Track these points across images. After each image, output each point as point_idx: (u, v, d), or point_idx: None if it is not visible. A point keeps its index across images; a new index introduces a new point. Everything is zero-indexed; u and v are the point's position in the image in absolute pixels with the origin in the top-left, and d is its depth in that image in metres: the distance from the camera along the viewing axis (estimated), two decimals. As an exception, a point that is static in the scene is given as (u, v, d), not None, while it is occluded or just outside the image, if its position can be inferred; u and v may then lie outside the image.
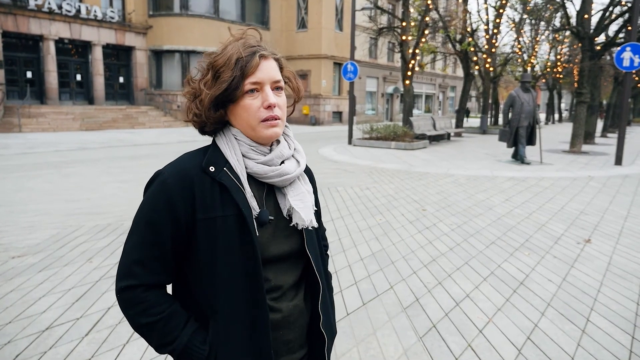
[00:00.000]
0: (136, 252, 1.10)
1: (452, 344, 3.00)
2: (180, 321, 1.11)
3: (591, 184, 9.20)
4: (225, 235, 1.09)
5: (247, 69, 1.09)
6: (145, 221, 1.10)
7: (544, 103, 48.91)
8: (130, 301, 1.10)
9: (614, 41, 16.08)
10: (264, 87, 1.12)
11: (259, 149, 1.16)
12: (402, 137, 16.13)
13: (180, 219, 1.09)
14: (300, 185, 1.22)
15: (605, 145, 18.55)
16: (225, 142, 1.15)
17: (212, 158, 1.13)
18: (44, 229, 5.48)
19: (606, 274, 4.32)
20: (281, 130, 1.16)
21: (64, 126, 21.00)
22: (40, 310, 3.36)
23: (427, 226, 5.92)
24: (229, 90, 1.09)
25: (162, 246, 1.09)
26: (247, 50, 1.11)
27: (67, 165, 10.82)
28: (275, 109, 1.13)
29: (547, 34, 31.97)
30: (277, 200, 1.19)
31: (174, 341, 1.10)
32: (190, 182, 1.09)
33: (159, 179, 1.12)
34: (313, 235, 1.25)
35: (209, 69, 1.13)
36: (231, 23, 28.28)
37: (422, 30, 18.65)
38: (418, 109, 46.38)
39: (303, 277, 1.26)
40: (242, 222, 1.09)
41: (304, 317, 1.24)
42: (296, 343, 1.22)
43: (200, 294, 1.13)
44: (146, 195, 1.13)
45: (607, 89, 36.56)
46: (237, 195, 1.09)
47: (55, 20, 22.77)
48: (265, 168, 1.14)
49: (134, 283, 1.09)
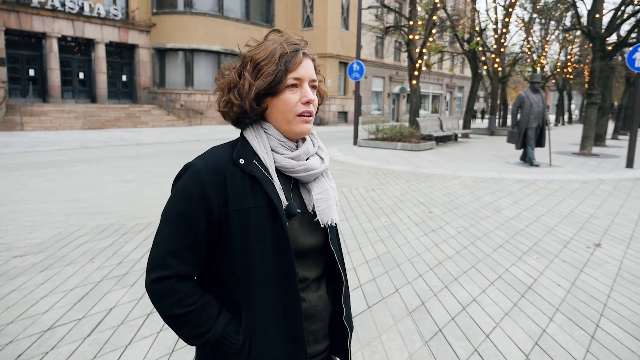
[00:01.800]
0: (169, 244, 1.12)
1: (458, 348, 3.00)
2: (214, 311, 1.14)
3: (601, 187, 9.16)
4: (257, 226, 1.12)
5: (291, 65, 1.15)
6: (179, 212, 1.12)
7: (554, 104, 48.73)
8: (164, 292, 1.11)
9: (626, 41, 15.98)
10: (303, 83, 1.18)
11: (287, 145, 1.20)
12: (408, 138, 16.12)
13: (213, 210, 1.12)
14: (324, 181, 1.27)
15: (616, 147, 18.46)
16: (255, 136, 1.19)
17: (241, 151, 1.17)
18: (46, 229, 5.51)
19: (616, 278, 4.30)
20: (312, 127, 1.22)
21: (67, 125, 21.12)
22: (42, 310, 3.39)
23: (433, 229, 5.91)
24: (273, 83, 1.14)
25: (195, 237, 1.12)
26: (290, 47, 1.16)
27: (69, 164, 10.88)
28: (311, 105, 1.19)
29: (557, 33, 31.87)
30: (301, 195, 1.24)
31: (208, 331, 1.12)
32: (223, 173, 1.13)
33: (191, 170, 1.14)
34: (334, 231, 1.30)
35: (247, 62, 1.17)
36: (235, 21, 28.39)
37: (429, 29, 18.64)
38: (425, 110, 46.33)
39: (324, 273, 1.31)
40: (274, 212, 1.13)
41: (327, 309, 1.29)
42: (320, 334, 1.27)
43: (233, 285, 1.16)
44: (177, 187, 1.16)
45: (618, 90, 36.36)
46: (268, 187, 1.13)
47: (58, 18, 22.91)
48: (293, 162, 1.19)
49: (167, 274, 1.11)
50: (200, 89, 27.49)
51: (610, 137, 23.47)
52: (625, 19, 16.07)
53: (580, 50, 32.92)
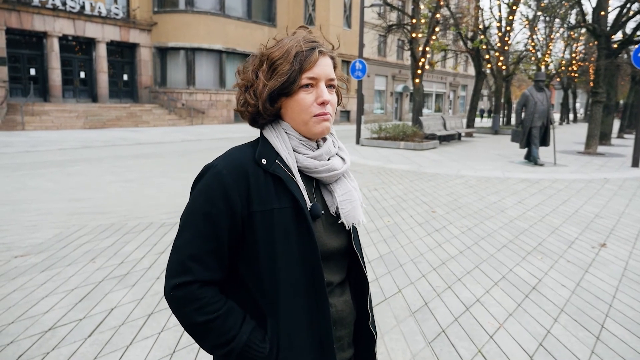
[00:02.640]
0: (191, 247, 1.08)
1: (461, 349, 3.00)
2: (238, 319, 1.10)
3: (607, 187, 9.13)
4: (282, 227, 1.09)
5: (306, 64, 1.11)
6: (201, 214, 1.09)
7: (558, 102, 48.63)
8: (186, 299, 1.07)
9: (632, 39, 15.93)
10: (319, 83, 1.14)
11: (309, 144, 1.18)
12: (411, 137, 16.10)
13: (237, 211, 1.08)
14: (347, 182, 1.24)
15: (621, 146, 18.41)
16: (276, 136, 1.17)
17: (263, 151, 1.14)
18: (47, 229, 5.53)
19: (622, 279, 4.29)
20: (331, 125, 1.19)
21: (67, 124, 21.17)
22: (43, 311, 3.40)
23: (436, 228, 5.91)
24: (287, 83, 1.11)
25: (218, 240, 1.09)
26: (307, 45, 1.13)
27: (71, 163, 10.91)
28: (328, 106, 1.15)
29: (561, 31, 31.80)
30: (323, 197, 1.22)
31: (232, 340, 1.08)
32: (245, 174, 1.10)
33: (212, 171, 1.11)
34: (356, 233, 1.28)
35: (264, 60, 1.15)
36: (237, 20, 28.41)
37: (432, 27, 18.61)
38: (428, 108, 46.28)
39: (347, 277, 1.28)
40: (299, 213, 1.10)
41: (353, 314, 1.26)
42: (346, 341, 1.24)
43: (257, 290, 1.12)
44: (198, 188, 1.12)
45: (624, 88, 36.24)
46: (292, 187, 1.11)
47: (59, 17, 22.98)
48: (315, 162, 1.16)
49: (189, 279, 1.07)
50: (201, 88, 27.52)
51: (615, 136, 23.39)
52: (631, 17, 16.02)
53: (585, 48, 32.83)
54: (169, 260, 1.12)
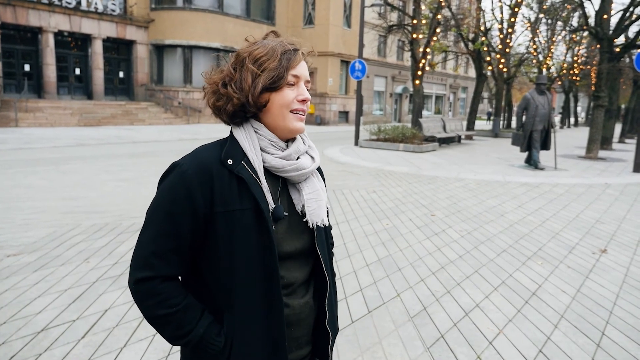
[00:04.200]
0: (153, 244, 1.13)
1: (460, 355, 3.00)
2: (197, 313, 1.16)
3: (608, 192, 9.16)
4: (242, 229, 1.13)
5: (292, 62, 1.18)
6: (164, 213, 1.14)
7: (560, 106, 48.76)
8: (147, 293, 1.13)
9: (634, 43, 15.97)
10: (300, 82, 1.21)
11: (278, 145, 1.21)
12: (410, 139, 16.12)
13: (199, 211, 1.12)
14: (315, 181, 1.28)
15: (623, 151, 18.46)
16: (245, 136, 1.20)
17: (230, 151, 1.18)
18: (41, 227, 5.51)
19: (623, 285, 4.30)
20: (304, 126, 1.24)
21: (62, 121, 21.12)
22: (35, 311, 3.39)
23: (435, 232, 5.91)
24: (277, 77, 1.16)
25: (180, 238, 1.13)
26: (290, 46, 1.20)
27: (65, 161, 10.88)
28: (307, 104, 1.22)
29: (563, 34, 31.86)
30: (290, 195, 1.25)
31: (189, 333, 1.14)
32: (210, 174, 1.13)
33: (178, 170, 1.15)
34: (322, 233, 1.31)
35: (244, 57, 1.18)
36: (235, 18, 28.41)
37: (433, 28, 18.64)
38: (428, 110, 46.34)
39: (312, 275, 1.32)
40: (260, 215, 1.14)
41: (312, 315, 1.30)
42: (303, 340, 1.29)
43: (216, 287, 1.17)
44: (162, 187, 1.17)
45: (626, 92, 36.36)
46: (255, 189, 1.14)
47: (54, 12, 22.92)
48: (283, 162, 1.20)
49: (151, 274, 1.13)
50: (198, 87, 27.46)
51: (617, 140, 23.46)
52: (633, 20, 16.07)
53: (587, 52, 32.94)
54: (133, 253, 1.17)
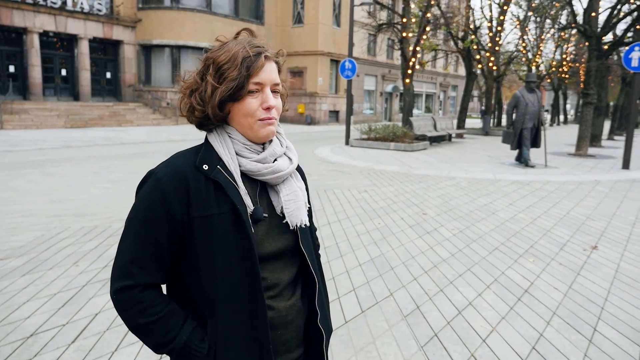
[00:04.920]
0: (132, 252, 1.13)
1: (454, 353, 3.02)
2: (179, 320, 1.15)
3: (598, 189, 9.25)
4: (221, 233, 1.13)
5: (253, 69, 1.14)
6: (141, 220, 1.13)
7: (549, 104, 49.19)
8: (128, 302, 1.12)
9: (622, 40, 16.16)
10: (264, 88, 1.17)
11: (253, 148, 1.20)
12: (401, 138, 16.17)
13: (176, 218, 1.12)
14: (293, 182, 1.27)
15: (612, 148, 18.67)
16: (219, 141, 1.19)
17: (205, 156, 1.17)
18: (28, 231, 5.45)
19: (614, 281, 4.35)
20: (275, 129, 1.22)
21: (48, 123, 20.92)
22: (24, 316, 3.35)
23: (427, 231, 5.94)
24: (236, 88, 1.13)
25: (158, 245, 1.13)
26: (253, 50, 1.15)
27: (52, 164, 10.78)
28: (273, 110, 1.18)
29: (552, 32, 32.18)
30: (269, 198, 1.24)
31: (172, 340, 1.13)
32: (185, 180, 1.13)
33: (153, 177, 1.15)
34: (307, 232, 1.31)
35: (209, 64, 1.16)
36: (224, 17, 28.31)
37: (423, 26, 18.73)
38: (418, 109, 46.52)
39: (299, 275, 1.31)
40: (238, 219, 1.13)
41: (301, 316, 1.29)
42: (293, 342, 1.27)
43: (198, 292, 1.17)
44: (140, 195, 1.17)
45: (614, 90, 36.79)
46: (232, 193, 1.14)
47: (39, 12, 22.68)
48: (259, 165, 1.19)
49: (131, 283, 1.12)
50: (187, 87, 27.32)
51: (606, 137, 23.71)
52: (621, 18, 16.26)
53: (576, 49, 33.26)
54: (113, 263, 1.16)
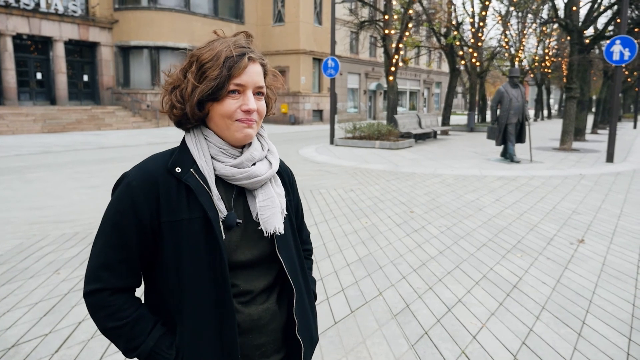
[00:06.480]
0: (102, 256, 1.14)
1: (445, 351, 3.05)
2: (147, 326, 1.15)
3: (583, 182, 9.41)
4: (190, 239, 1.12)
5: (234, 70, 1.12)
6: (111, 224, 1.14)
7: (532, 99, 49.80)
8: (97, 305, 1.14)
9: (603, 34, 16.46)
10: (246, 90, 1.15)
11: (229, 152, 1.18)
12: (386, 136, 16.25)
13: (145, 222, 1.13)
14: (270, 188, 1.23)
15: (595, 142, 18.98)
16: (195, 143, 1.18)
17: (179, 159, 1.16)
18: (6, 239, 5.37)
19: (601, 274, 4.43)
20: (254, 132, 1.19)
21: (24, 128, 20.59)
22: (5, 327, 3.30)
23: (415, 229, 5.98)
24: (216, 88, 1.11)
25: (128, 249, 1.14)
26: (237, 50, 1.13)
27: (30, 170, 10.62)
28: (254, 114, 1.16)
29: (534, 27, 32.60)
30: (247, 203, 1.22)
31: (139, 346, 1.14)
32: (155, 184, 1.13)
33: (125, 181, 1.15)
34: (287, 239, 1.28)
35: (193, 61, 1.15)
36: (203, 17, 28.15)
37: (405, 23, 18.85)
38: (402, 106, 46.78)
39: (277, 281, 1.29)
40: (208, 225, 1.12)
41: (277, 321, 1.26)
42: (270, 347, 1.25)
43: (167, 297, 1.17)
44: (112, 198, 1.17)
45: (596, 83, 37.40)
46: (203, 198, 1.12)
47: (12, 15, 22.30)
48: (234, 170, 1.17)
49: (100, 287, 1.13)
50: (167, 89, 27.10)
51: (589, 131, 24.10)
52: (602, 12, 16.54)
53: (558, 44, 33.75)
54: (87, 265, 1.17)
